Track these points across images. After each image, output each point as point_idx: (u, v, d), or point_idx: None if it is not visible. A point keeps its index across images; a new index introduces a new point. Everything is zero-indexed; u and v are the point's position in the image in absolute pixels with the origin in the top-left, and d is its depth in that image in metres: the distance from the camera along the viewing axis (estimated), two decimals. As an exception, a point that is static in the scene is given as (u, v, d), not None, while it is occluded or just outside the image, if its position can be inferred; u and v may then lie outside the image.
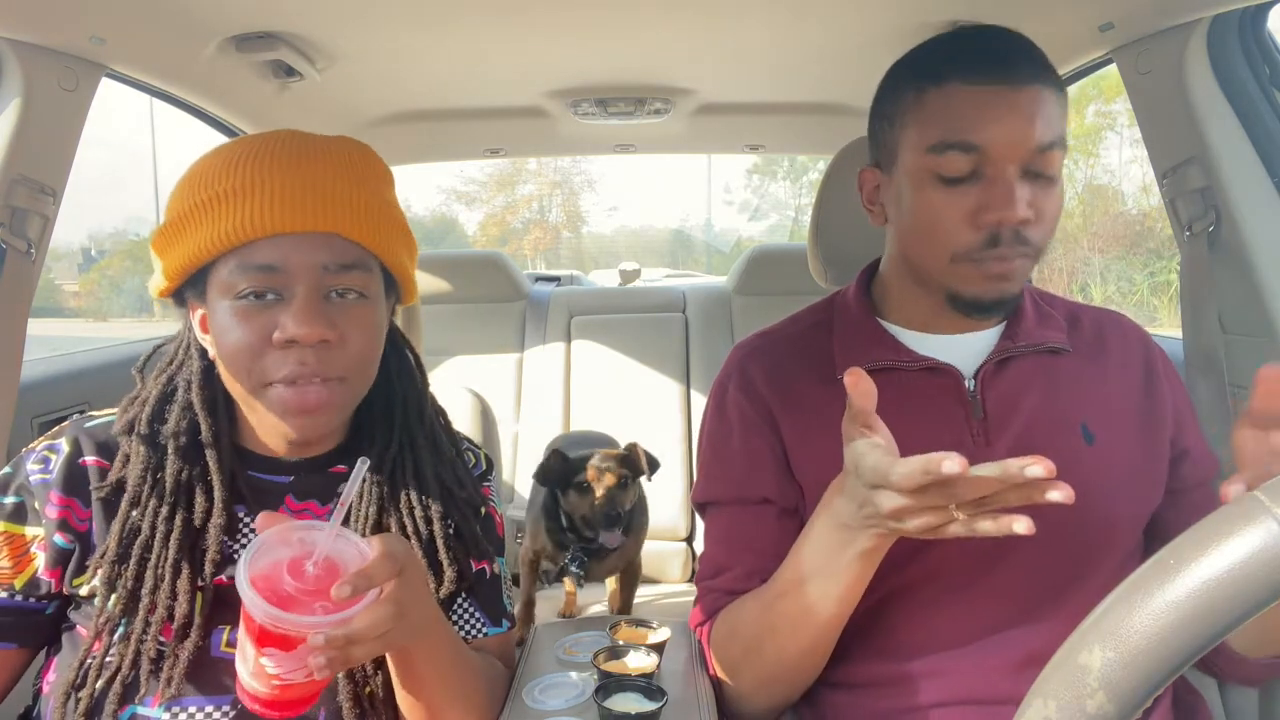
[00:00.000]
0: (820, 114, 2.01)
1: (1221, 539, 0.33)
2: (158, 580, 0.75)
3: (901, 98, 0.86)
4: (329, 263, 0.75)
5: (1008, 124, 0.79)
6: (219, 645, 0.77)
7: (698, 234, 23.32)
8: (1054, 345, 0.90)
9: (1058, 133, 0.81)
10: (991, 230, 0.80)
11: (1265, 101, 1.20)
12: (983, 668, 0.83)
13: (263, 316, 0.74)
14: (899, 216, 0.88)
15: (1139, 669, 0.33)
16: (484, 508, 0.92)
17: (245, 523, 0.81)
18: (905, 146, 0.85)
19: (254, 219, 0.73)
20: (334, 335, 0.75)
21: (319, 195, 0.75)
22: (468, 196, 22.50)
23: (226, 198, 0.74)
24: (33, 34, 1.14)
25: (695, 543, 2.16)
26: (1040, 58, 0.82)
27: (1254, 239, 1.17)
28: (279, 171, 0.75)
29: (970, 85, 0.80)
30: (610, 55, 1.60)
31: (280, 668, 0.63)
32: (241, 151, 0.77)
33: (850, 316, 0.95)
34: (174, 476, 0.78)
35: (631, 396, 2.25)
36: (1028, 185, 0.80)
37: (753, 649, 0.84)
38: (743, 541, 0.91)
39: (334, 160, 0.78)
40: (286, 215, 0.74)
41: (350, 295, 0.78)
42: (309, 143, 0.79)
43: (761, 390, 0.93)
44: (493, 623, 0.89)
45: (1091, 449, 0.86)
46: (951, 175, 0.81)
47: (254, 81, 1.54)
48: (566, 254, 21.58)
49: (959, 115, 0.80)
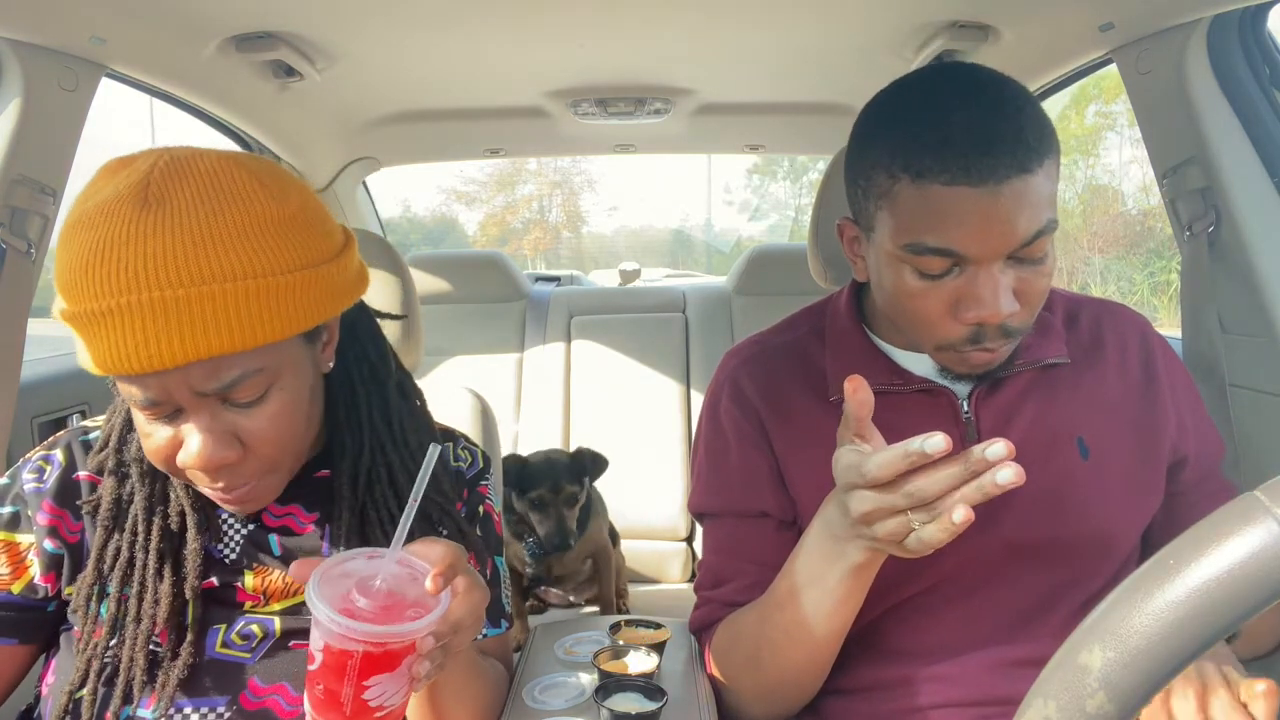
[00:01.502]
0: (820, 114, 2.01)
1: (1221, 539, 0.33)
2: (141, 589, 0.75)
3: (874, 176, 0.78)
4: (205, 389, 0.65)
5: (990, 226, 0.72)
6: (214, 646, 0.77)
7: (698, 234, 23.31)
8: (1052, 362, 0.88)
9: (1046, 219, 0.74)
10: (974, 328, 0.77)
11: (1265, 101, 1.20)
12: (981, 671, 0.83)
13: (165, 431, 0.68)
14: (879, 287, 0.84)
15: (1139, 669, 0.33)
16: (481, 506, 0.90)
17: (232, 525, 0.80)
18: (880, 229, 0.79)
19: (110, 358, 0.62)
20: (238, 454, 0.68)
21: (176, 318, 0.61)
22: (468, 196, 22.50)
23: (82, 321, 0.63)
24: (33, 34, 1.14)
25: (695, 543, 2.16)
26: (1023, 133, 0.72)
27: (1254, 239, 1.17)
28: (131, 291, 0.61)
29: (948, 186, 0.72)
30: (610, 55, 1.60)
31: (385, 692, 0.60)
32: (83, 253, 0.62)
33: (842, 331, 0.93)
34: (144, 501, 0.76)
35: (631, 396, 2.25)
36: (1012, 271, 0.75)
37: (752, 660, 0.84)
38: (742, 554, 0.91)
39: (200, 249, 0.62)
40: (142, 355, 0.61)
41: (247, 403, 0.68)
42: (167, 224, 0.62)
43: (754, 403, 0.92)
44: (491, 624, 0.89)
45: (1087, 463, 0.85)
46: (929, 272, 0.76)
47: (254, 81, 1.54)
48: (566, 254, 21.58)
49: (937, 219, 0.73)
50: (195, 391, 0.65)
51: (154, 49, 1.33)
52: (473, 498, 0.90)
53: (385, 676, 0.59)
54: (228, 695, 0.75)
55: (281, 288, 0.65)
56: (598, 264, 13.47)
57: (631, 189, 32.13)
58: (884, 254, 0.80)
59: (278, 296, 0.65)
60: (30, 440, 1.34)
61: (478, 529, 0.88)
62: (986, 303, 0.74)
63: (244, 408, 0.68)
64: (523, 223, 22.56)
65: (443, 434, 0.92)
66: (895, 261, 0.78)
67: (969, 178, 0.71)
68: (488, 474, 0.93)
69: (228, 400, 0.67)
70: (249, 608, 0.78)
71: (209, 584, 0.77)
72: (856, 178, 0.82)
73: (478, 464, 0.92)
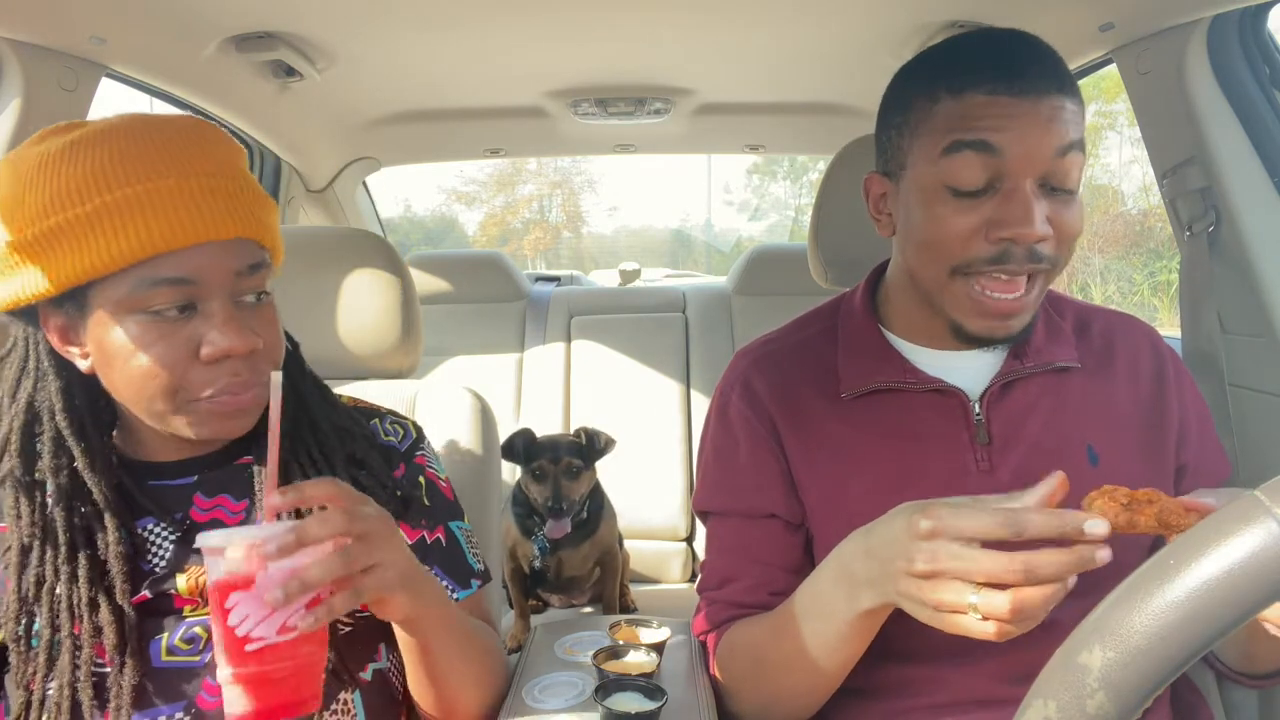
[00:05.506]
0: (820, 114, 2.01)
1: (1221, 539, 0.33)
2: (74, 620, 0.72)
3: (913, 105, 0.82)
4: (240, 268, 0.72)
5: (1027, 130, 0.75)
6: (159, 656, 0.75)
7: (698, 234, 23.30)
8: (1062, 365, 0.88)
9: (1076, 137, 0.77)
10: (1005, 246, 0.77)
11: (1265, 101, 1.20)
12: (981, 673, 0.83)
13: (183, 332, 0.70)
14: (906, 229, 0.84)
15: (1139, 669, 0.33)
16: (422, 476, 0.90)
17: (157, 533, 0.77)
18: (916, 156, 0.81)
19: (165, 231, 0.67)
20: (259, 342, 0.73)
21: (223, 197, 0.70)
22: (468, 196, 22.51)
23: (118, 210, 0.67)
24: (33, 34, 1.14)
25: (695, 543, 2.16)
26: (1059, 66, 0.79)
27: (1254, 239, 1.17)
28: (174, 175, 0.69)
29: (989, 95, 0.76)
30: (610, 55, 1.60)
31: (248, 617, 0.59)
32: (105, 154, 0.68)
33: (855, 328, 0.93)
34: (64, 519, 0.72)
35: (631, 396, 2.25)
36: (1045, 200, 0.77)
37: (751, 675, 0.85)
38: (749, 554, 0.90)
39: (214, 150, 0.73)
40: (200, 224, 0.68)
41: (262, 297, 0.75)
42: (176, 133, 0.72)
43: (766, 403, 0.91)
44: (461, 585, 0.89)
45: (1096, 470, 0.84)
46: (964, 187, 0.77)
47: (254, 81, 1.54)
48: (566, 254, 21.58)
49: (976, 119, 0.77)
50: (229, 270, 0.71)
51: (154, 49, 1.33)
52: (410, 469, 0.90)
53: (240, 595, 0.60)
54: (183, 701, 0.74)
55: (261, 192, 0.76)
56: (598, 264, 13.48)
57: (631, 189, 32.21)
58: (916, 187, 0.81)
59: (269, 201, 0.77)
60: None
61: (425, 499, 0.89)
62: (1019, 219, 0.75)
63: (251, 306, 0.74)
64: (523, 223, 22.56)
65: (369, 411, 0.92)
66: (929, 187, 0.80)
67: (1009, 89, 0.76)
68: (421, 444, 0.93)
69: (240, 291, 0.73)
70: (188, 612, 0.76)
71: (142, 598, 0.75)
72: (891, 118, 0.85)
73: (410, 435, 0.92)
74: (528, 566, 1.73)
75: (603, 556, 1.78)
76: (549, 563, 1.72)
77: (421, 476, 0.90)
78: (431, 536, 0.88)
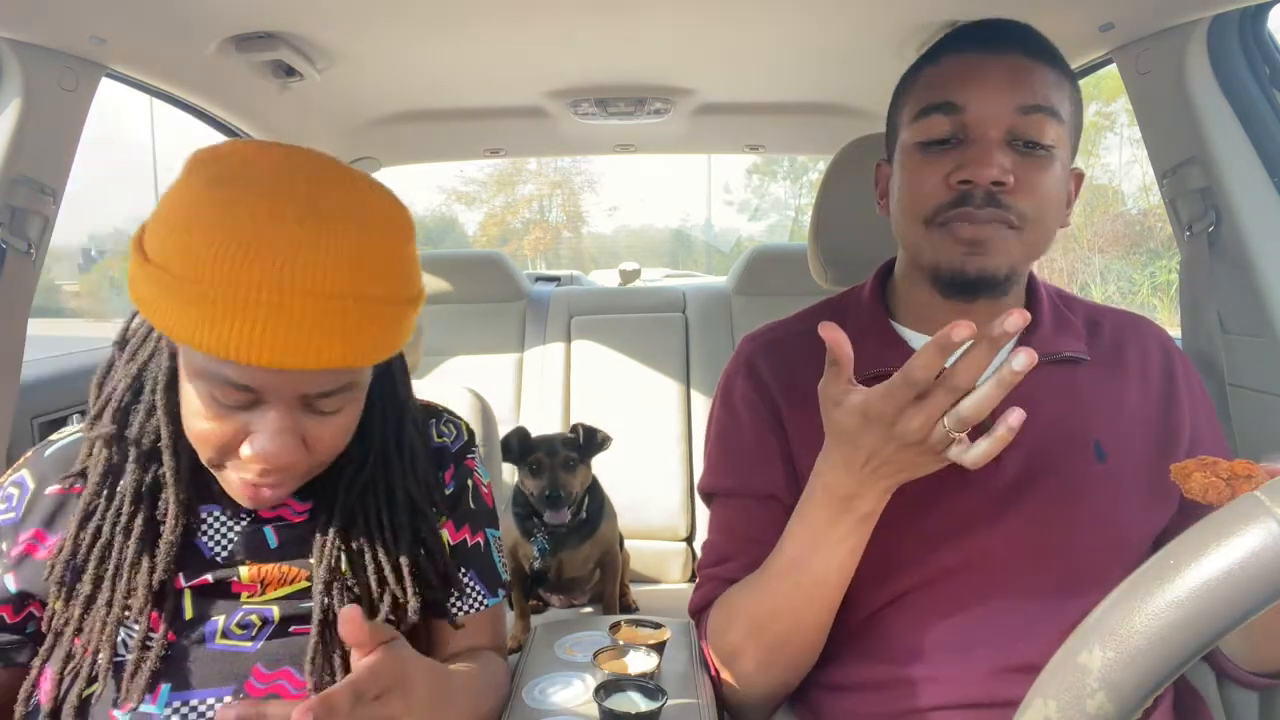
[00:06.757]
0: (820, 114, 2.01)
1: (1221, 539, 0.33)
2: (115, 574, 0.74)
3: (907, 83, 0.89)
4: (311, 392, 0.68)
5: (987, 84, 0.80)
6: (214, 638, 0.76)
7: (698, 234, 23.30)
8: (1070, 355, 0.88)
9: (1044, 99, 0.80)
10: (962, 191, 0.80)
11: (1265, 101, 1.20)
12: (979, 673, 0.82)
13: (237, 419, 0.68)
14: (892, 200, 0.89)
15: (1139, 669, 0.33)
16: (470, 479, 0.91)
17: (222, 520, 0.79)
18: (900, 127, 0.88)
19: (231, 343, 0.60)
20: (302, 457, 0.70)
21: (315, 330, 0.61)
22: (468, 196, 22.49)
23: (206, 300, 0.60)
24: (33, 34, 1.14)
25: (695, 543, 2.16)
26: (1040, 39, 0.83)
27: (1254, 239, 1.17)
28: (269, 288, 0.60)
29: (959, 55, 0.83)
30: (610, 55, 1.60)
31: None
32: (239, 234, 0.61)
33: (863, 317, 0.94)
34: (134, 485, 0.75)
35: (631, 396, 2.25)
36: (1011, 153, 0.80)
37: (752, 633, 0.85)
38: (748, 534, 0.91)
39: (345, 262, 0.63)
40: (267, 352, 0.61)
41: (330, 412, 0.71)
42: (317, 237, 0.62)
43: (769, 386, 0.93)
44: (490, 593, 0.90)
45: (1103, 466, 0.84)
46: (931, 139, 0.82)
47: (254, 81, 1.54)
48: (566, 254, 21.57)
49: (943, 81, 0.83)
50: (295, 392, 0.67)
51: (154, 49, 1.33)
52: (460, 471, 0.90)
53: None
54: (233, 685, 0.75)
55: (400, 316, 0.68)
56: (598, 264, 13.49)
57: (631, 189, 32.16)
58: (901, 155, 0.87)
59: (397, 323, 0.68)
60: (30, 440, 1.34)
61: (470, 502, 0.90)
62: (975, 160, 0.79)
63: (322, 415, 0.70)
64: (523, 223, 22.55)
65: (425, 410, 0.92)
66: (906, 151, 0.85)
67: (976, 47, 0.82)
68: (473, 447, 0.94)
69: (312, 407, 0.69)
70: (246, 598, 0.78)
71: (203, 580, 0.77)
72: (894, 101, 0.91)
73: (462, 437, 0.93)
74: (528, 567, 1.73)
75: (603, 557, 1.78)
76: (549, 563, 1.72)
77: (470, 480, 0.91)
78: (473, 540, 0.89)
